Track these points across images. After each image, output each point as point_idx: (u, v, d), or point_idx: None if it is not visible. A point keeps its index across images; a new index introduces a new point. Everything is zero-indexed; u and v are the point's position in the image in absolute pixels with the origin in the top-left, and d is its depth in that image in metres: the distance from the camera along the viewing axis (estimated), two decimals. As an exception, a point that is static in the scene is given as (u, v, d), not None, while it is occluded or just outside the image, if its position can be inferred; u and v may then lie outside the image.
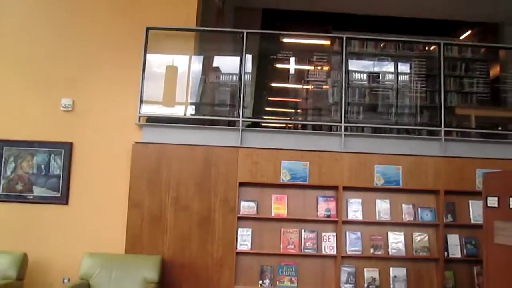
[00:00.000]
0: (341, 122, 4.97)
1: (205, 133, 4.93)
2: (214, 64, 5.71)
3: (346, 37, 5.16)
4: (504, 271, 2.92)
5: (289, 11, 7.58)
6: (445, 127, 4.99)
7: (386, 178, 4.87)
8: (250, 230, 4.72)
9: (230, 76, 5.45)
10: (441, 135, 4.97)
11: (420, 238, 4.78)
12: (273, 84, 5.90)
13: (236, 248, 4.64)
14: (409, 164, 4.88)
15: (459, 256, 4.71)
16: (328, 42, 5.70)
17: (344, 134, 4.93)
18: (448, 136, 5.04)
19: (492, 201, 3.10)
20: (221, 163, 4.78)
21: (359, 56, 5.71)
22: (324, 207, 4.80)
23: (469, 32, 8.19)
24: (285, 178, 4.82)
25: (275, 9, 7.69)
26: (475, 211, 4.84)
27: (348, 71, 5.15)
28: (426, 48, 5.96)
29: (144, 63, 4.96)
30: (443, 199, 4.76)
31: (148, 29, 5.00)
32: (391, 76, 5.66)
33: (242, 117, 4.93)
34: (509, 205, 2.91)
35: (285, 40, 5.65)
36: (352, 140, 4.97)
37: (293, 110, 6.00)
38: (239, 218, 4.71)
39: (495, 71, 6.23)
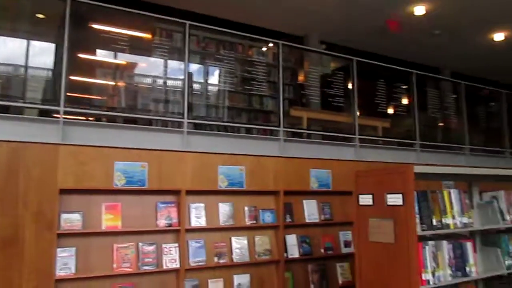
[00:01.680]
0: (183, 118, 4.42)
1: (10, 125, 3.69)
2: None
3: (189, 24, 4.63)
4: (378, 269, 2.93)
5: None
6: (284, 127, 4.98)
7: (230, 180, 4.55)
8: (73, 249, 3.72)
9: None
10: (280, 136, 4.94)
11: (262, 241, 4.63)
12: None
13: (55, 275, 3.58)
14: (252, 165, 4.67)
15: (297, 256, 4.74)
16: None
17: (187, 132, 4.40)
18: (286, 137, 5.05)
19: (366, 199, 3.10)
20: (34, 164, 3.64)
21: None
22: (165, 214, 4.17)
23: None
24: (119, 182, 3.99)
25: None
26: (309, 210, 4.97)
27: (187, 67, 4.63)
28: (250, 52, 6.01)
29: None
30: (282, 200, 4.72)
31: None
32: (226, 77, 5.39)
33: (65, 106, 3.88)
34: (385, 202, 2.93)
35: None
36: (196, 138, 4.48)
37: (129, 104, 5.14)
38: (59, 235, 3.66)
39: (301, 77, 6.69)
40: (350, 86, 5.59)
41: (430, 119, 6.38)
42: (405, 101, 6.09)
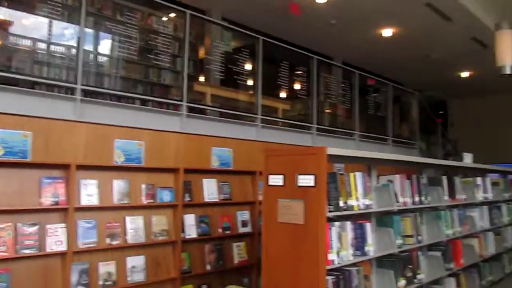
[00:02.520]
0: (76, 84, 3.93)
1: None
2: None
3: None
4: (285, 249, 2.92)
5: None
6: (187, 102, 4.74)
7: (127, 155, 4.20)
8: None
9: None
10: (182, 111, 4.69)
11: (159, 221, 4.38)
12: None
13: None
14: (151, 140, 4.37)
15: (195, 236, 4.59)
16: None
17: (81, 100, 3.93)
18: (189, 112, 4.81)
19: (276, 180, 3.04)
20: None
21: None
22: (51, 191, 3.68)
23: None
24: (-5, 153, 3.42)
25: None
26: (208, 189, 4.83)
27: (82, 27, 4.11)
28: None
29: None
30: (182, 178, 4.51)
31: None
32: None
33: None
34: (296, 183, 2.91)
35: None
36: (90, 107, 4.02)
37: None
38: None
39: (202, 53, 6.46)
40: (251, 66, 5.51)
41: (325, 104, 6.65)
42: (304, 85, 6.23)
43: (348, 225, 3.05)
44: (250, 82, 5.48)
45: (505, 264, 5.40)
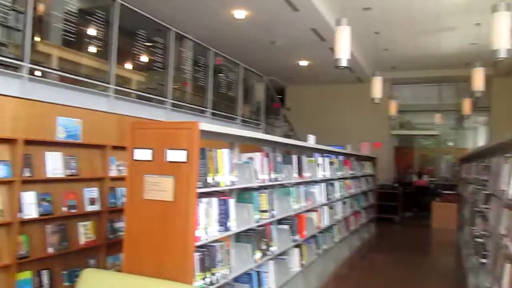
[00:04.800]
0: None
1: None
2: None
3: None
4: (151, 227, 2.76)
5: None
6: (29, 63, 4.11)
7: (-50, 121, 3.47)
8: None
9: None
10: (22, 73, 4.06)
11: (-10, 199, 3.76)
12: None
13: None
14: (-18, 105, 3.69)
15: (35, 215, 4.07)
16: None
17: None
18: (32, 75, 4.18)
19: (143, 154, 2.84)
20: None
21: None
22: None
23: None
24: None
25: None
26: (52, 164, 4.32)
27: None
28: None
29: None
30: (22, 151, 3.93)
31: None
32: None
33: None
34: (164, 158, 2.76)
35: None
36: None
37: None
38: None
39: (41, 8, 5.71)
40: (105, 31, 5.05)
41: (180, 80, 6.52)
42: (160, 58, 5.99)
43: (215, 201, 3.07)
44: (102, 49, 5.02)
45: (335, 234, 6.15)
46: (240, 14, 8.50)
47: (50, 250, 4.20)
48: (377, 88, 9.00)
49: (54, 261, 4.26)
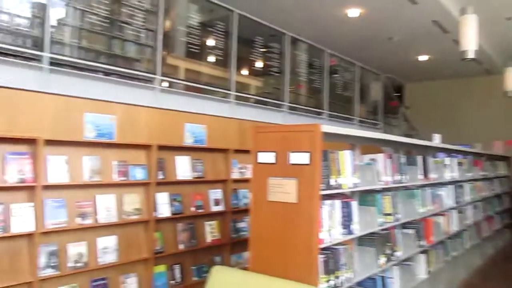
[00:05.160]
0: (43, 51, 3.60)
1: None
2: None
3: None
4: (276, 229, 2.84)
5: None
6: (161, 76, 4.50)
7: (99, 130, 3.95)
8: None
9: None
10: (156, 84, 4.46)
11: (131, 199, 4.18)
12: None
13: None
14: (123, 115, 4.12)
15: (168, 214, 4.43)
16: None
17: (50, 70, 3.61)
18: (162, 86, 4.57)
19: (267, 157, 2.93)
20: None
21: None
22: (16, 168, 3.39)
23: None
24: (-48, 124, 3.07)
25: None
26: (181, 167, 4.66)
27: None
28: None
29: None
30: (156, 155, 4.31)
31: None
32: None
33: None
34: (287, 161, 2.82)
35: None
36: (59, 78, 3.71)
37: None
38: None
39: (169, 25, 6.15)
40: (224, 41, 5.31)
41: (295, 83, 6.58)
42: (277, 62, 6.12)
43: (338, 203, 3.03)
44: (223, 58, 5.29)
45: (465, 240, 5.66)
46: (354, 12, 8.30)
47: (181, 246, 4.53)
48: (510, 80, 8.12)
49: (185, 257, 4.59)
